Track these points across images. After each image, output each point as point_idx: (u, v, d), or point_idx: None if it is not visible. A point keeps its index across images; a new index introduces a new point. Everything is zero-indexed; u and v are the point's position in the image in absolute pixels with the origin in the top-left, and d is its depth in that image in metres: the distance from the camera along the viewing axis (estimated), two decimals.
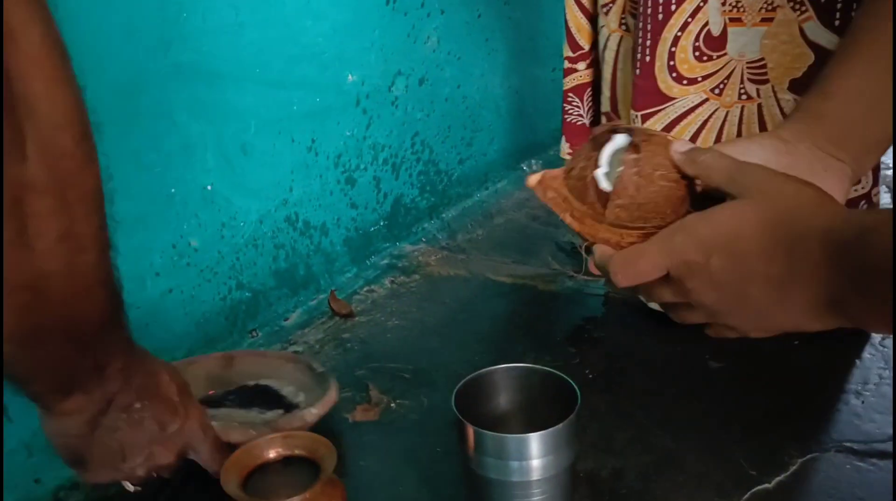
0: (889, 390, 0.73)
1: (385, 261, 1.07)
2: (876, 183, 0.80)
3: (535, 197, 0.65)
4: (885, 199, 1.06)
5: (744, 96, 0.76)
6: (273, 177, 0.91)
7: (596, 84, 0.93)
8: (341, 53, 0.95)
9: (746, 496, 0.62)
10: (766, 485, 0.63)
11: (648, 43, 0.78)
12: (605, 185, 0.55)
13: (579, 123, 0.97)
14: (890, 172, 1.12)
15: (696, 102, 0.78)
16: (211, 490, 0.62)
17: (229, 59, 0.82)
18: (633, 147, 0.54)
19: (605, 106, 0.92)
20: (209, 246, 0.85)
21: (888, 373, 0.76)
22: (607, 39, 0.87)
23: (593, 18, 0.90)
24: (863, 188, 0.78)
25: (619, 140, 0.55)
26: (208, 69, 0.80)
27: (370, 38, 1.00)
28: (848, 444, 0.67)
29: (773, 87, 0.75)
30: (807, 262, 0.42)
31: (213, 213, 0.85)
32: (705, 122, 0.78)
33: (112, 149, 0.73)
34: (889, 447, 0.66)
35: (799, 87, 0.74)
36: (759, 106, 0.76)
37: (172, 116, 0.78)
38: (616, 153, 0.55)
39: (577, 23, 0.91)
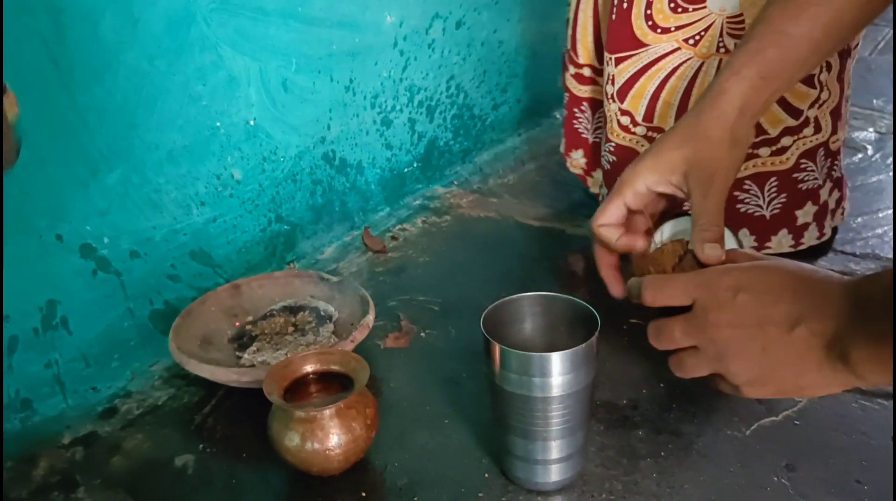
0: None
1: (418, 202, 1.11)
2: (835, 131, 0.83)
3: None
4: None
5: (722, 49, 0.79)
6: (312, 114, 0.94)
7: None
8: None
9: (754, 427, 0.65)
10: (774, 417, 0.66)
11: None
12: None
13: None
14: None
15: (667, 50, 0.81)
16: (252, 399, 0.67)
17: None
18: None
19: (567, 44, 0.98)
20: (251, 179, 0.89)
21: None
22: None
23: None
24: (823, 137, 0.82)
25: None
26: (253, 4, 0.82)
27: None
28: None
29: None
30: (825, 298, 0.46)
31: (254, 147, 0.88)
32: (675, 69, 0.82)
33: (162, 80, 0.77)
34: None
35: None
36: None
37: (218, 50, 0.81)
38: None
39: None
